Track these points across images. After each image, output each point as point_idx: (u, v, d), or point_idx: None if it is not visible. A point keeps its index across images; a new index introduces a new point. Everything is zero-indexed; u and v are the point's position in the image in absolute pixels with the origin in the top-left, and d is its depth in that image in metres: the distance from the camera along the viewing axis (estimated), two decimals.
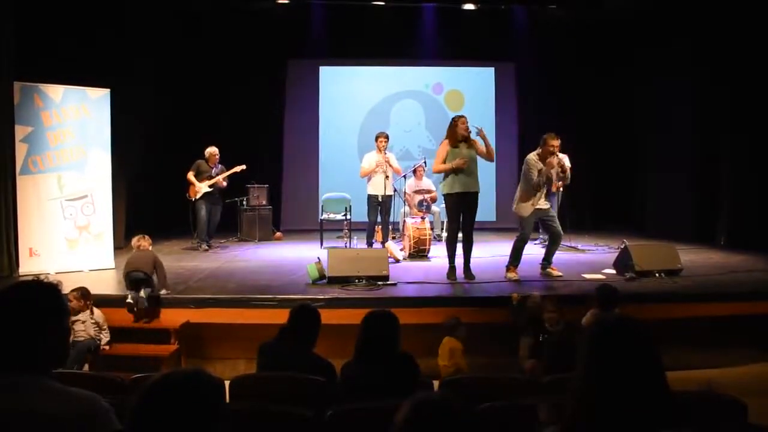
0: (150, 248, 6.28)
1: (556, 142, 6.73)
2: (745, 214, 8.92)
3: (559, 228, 6.89)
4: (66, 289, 1.89)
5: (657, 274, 6.68)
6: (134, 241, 6.28)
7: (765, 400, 2.51)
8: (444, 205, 6.99)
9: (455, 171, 6.52)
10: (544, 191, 6.81)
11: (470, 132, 6.60)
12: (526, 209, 6.77)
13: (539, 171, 6.68)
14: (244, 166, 9.42)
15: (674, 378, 1.61)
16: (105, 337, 5.29)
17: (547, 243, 7.27)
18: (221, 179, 9.09)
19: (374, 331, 3.37)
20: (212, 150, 9.16)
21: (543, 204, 6.81)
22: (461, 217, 6.65)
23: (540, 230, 8.66)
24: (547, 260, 6.99)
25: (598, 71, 11.43)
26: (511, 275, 6.79)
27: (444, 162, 6.61)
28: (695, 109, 9.81)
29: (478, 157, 6.65)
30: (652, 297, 6.04)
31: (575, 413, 1.54)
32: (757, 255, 8.05)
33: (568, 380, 1.63)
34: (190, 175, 8.98)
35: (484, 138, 6.62)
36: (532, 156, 6.80)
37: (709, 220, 9.58)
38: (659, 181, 10.86)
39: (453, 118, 6.73)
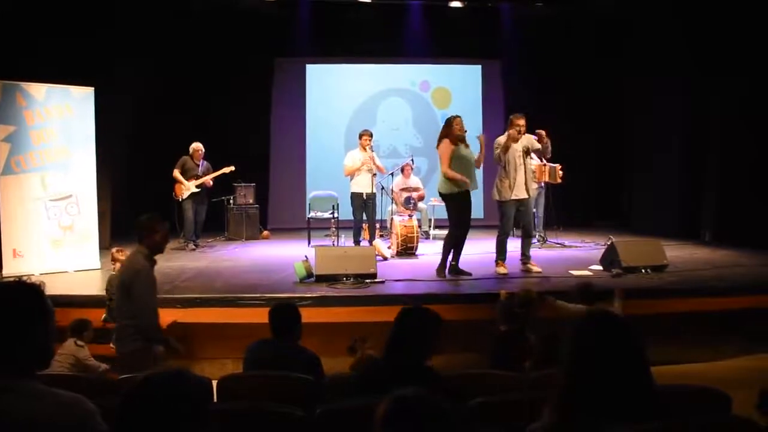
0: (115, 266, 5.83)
1: (521, 122, 6.80)
2: (729, 210, 8.98)
3: (530, 222, 6.95)
4: (49, 290, 1.87)
5: (643, 270, 6.72)
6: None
7: (749, 393, 2.54)
8: (432, 203, 6.97)
9: (465, 170, 6.50)
10: (522, 179, 6.80)
11: (465, 132, 6.63)
12: (504, 193, 6.78)
13: (498, 145, 6.80)
14: (232, 168, 9.38)
15: (659, 372, 1.62)
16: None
17: (520, 237, 7.20)
18: (209, 180, 9.04)
19: (409, 330, 2.98)
20: (196, 145, 9.09)
21: (522, 194, 6.83)
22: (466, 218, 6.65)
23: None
24: (525, 255, 7.03)
25: (584, 68, 11.48)
26: (501, 269, 6.87)
27: (450, 162, 6.52)
28: (682, 107, 9.86)
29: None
30: (638, 293, 6.06)
31: (561, 408, 1.55)
32: (741, 250, 8.13)
33: (554, 376, 1.64)
34: (177, 173, 8.91)
35: (482, 145, 6.68)
36: (500, 137, 6.90)
37: (693, 217, 9.65)
38: (645, 178, 10.93)
39: (448, 118, 6.73)
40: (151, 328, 4.21)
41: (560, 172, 8.36)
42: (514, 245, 7.23)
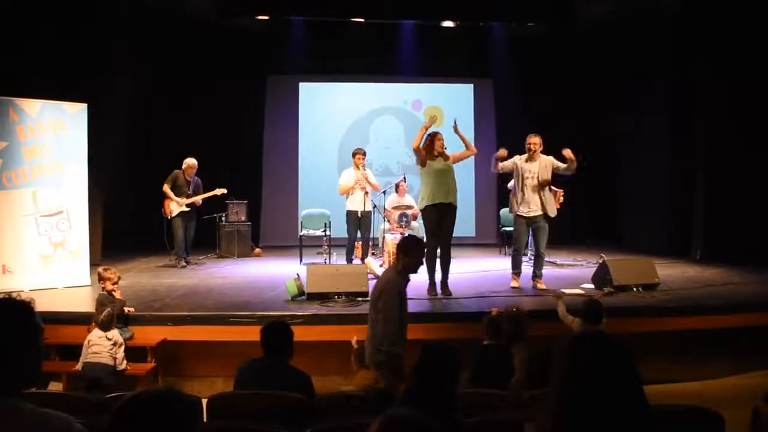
0: (103, 288, 5.70)
1: (533, 140, 6.98)
2: (719, 228, 9.03)
3: (541, 243, 7.03)
4: (38, 306, 1.86)
5: (635, 289, 6.73)
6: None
7: (742, 412, 2.54)
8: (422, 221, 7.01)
9: (431, 184, 6.59)
10: (534, 197, 6.91)
11: (446, 149, 6.72)
12: (512, 207, 7.10)
13: (503, 167, 7.05)
14: (224, 190, 9.35)
15: (652, 392, 1.62)
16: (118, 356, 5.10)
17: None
18: (198, 200, 9.00)
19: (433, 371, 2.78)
20: (191, 162, 9.01)
21: (526, 212, 6.93)
22: (439, 231, 6.65)
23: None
24: (534, 273, 7.16)
25: (575, 87, 11.56)
26: (513, 283, 7.11)
27: (423, 170, 6.71)
28: (672, 124, 9.94)
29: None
30: (630, 311, 6.08)
31: (553, 428, 1.54)
32: (731, 268, 8.17)
33: (546, 395, 1.64)
34: (167, 188, 8.83)
35: (459, 133, 6.79)
36: (506, 162, 7.10)
37: (684, 235, 9.69)
38: (636, 196, 10.98)
39: (429, 135, 6.79)
40: (385, 339, 4.22)
41: (561, 198, 8.34)
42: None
